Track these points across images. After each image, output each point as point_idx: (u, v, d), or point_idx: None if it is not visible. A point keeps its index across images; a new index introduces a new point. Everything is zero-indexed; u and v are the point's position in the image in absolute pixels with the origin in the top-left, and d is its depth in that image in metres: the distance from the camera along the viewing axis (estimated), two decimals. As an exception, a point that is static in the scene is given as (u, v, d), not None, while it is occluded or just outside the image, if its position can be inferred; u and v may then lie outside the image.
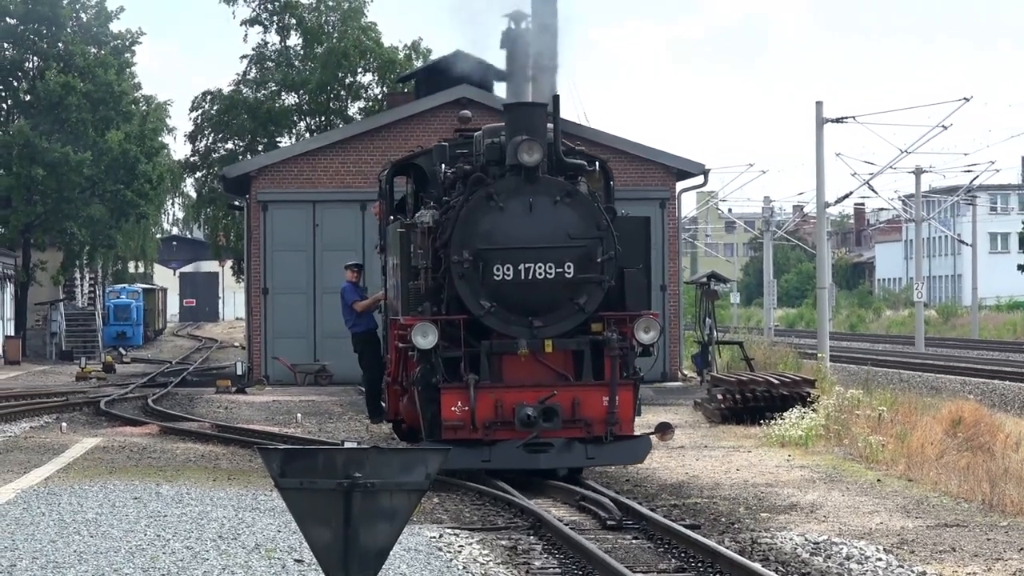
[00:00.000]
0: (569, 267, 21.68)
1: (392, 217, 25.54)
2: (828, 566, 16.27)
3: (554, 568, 16.64)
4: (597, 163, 23.41)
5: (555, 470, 21.69)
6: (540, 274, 21.62)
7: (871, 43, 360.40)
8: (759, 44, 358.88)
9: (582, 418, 21.46)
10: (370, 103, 73.89)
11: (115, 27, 73.25)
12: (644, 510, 19.28)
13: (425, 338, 21.22)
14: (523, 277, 21.63)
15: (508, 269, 21.64)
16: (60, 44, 71.18)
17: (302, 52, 75.84)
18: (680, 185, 48.43)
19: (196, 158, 77.14)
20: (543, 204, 21.77)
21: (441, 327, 21.40)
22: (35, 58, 71.89)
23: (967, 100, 57.27)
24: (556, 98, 22.48)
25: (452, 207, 22.11)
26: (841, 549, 17.07)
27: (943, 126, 60.53)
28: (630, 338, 21.84)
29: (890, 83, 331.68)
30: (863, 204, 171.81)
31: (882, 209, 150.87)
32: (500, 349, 21.73)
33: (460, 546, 17.24)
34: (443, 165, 23.39)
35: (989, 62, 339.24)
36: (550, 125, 22.48)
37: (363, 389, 40.67)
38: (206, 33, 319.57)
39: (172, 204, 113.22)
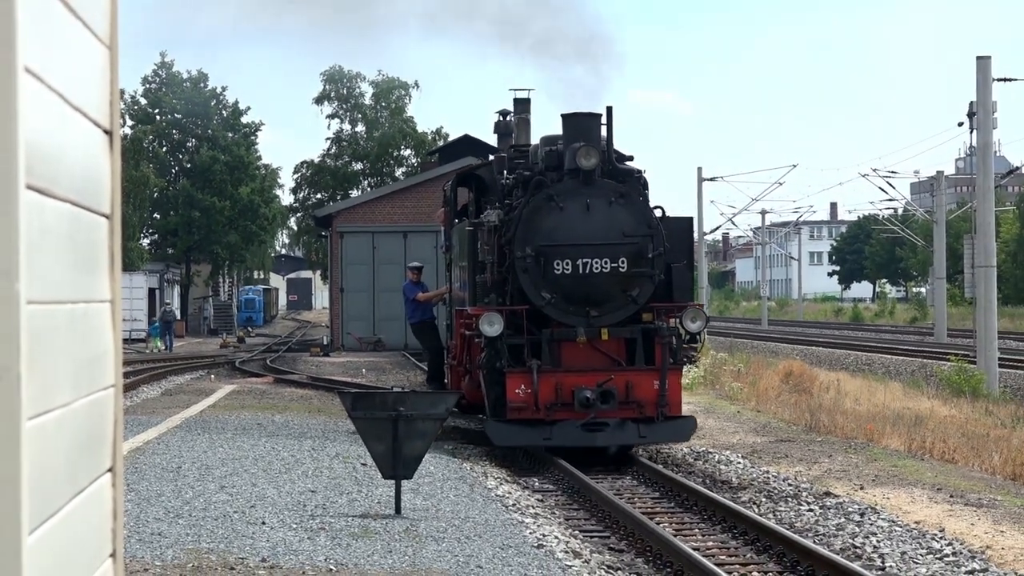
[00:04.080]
0: (623, 262, 16.39)
1: (456, 220, 20.24)
2: (706, 467, 16.27)
3: (527, 465, 16.63)
4: (643, 171, 17.43)
5: (607, 447, 16.47)
6: (596, 268, 16.38)
7: (733, 128, 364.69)
8: (659, 131, 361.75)
9: (635, 400, 16.23)
10: (409, 168, 74.00)
11: (245, 119, 73.28)
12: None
13: (492, 327, 16.14)
14: (581, 271, 16.38)
15: (567, 264, 16.37)
16: (209, 130, 71.25)
17: (365, 135, 76.04)
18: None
19: (297, 204, 77.27)
20: (599, 205, 16.52)
21: (506, 317, 16.29)
22: (193, 140, 72.00)
23: (795, 166, 58.29)
24: (609, 109, 16.96)
25: (515, 208, 16.99)
26: (714, 456, 17.08)
27: (779, 183, 61.35)
28: (676, 327, 16.70)
29: (746, 153, 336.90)
30: (728, 233, 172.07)
31: (740, 236, 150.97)
32: (560, 336, 16.46)
33: (468, 454, 17.28)
34: (504, 172, 18.23)
35: (809, 141, 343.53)
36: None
37: (407, 355, 40.35)
38: (303, 122, 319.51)
39: (281, 234, 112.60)
